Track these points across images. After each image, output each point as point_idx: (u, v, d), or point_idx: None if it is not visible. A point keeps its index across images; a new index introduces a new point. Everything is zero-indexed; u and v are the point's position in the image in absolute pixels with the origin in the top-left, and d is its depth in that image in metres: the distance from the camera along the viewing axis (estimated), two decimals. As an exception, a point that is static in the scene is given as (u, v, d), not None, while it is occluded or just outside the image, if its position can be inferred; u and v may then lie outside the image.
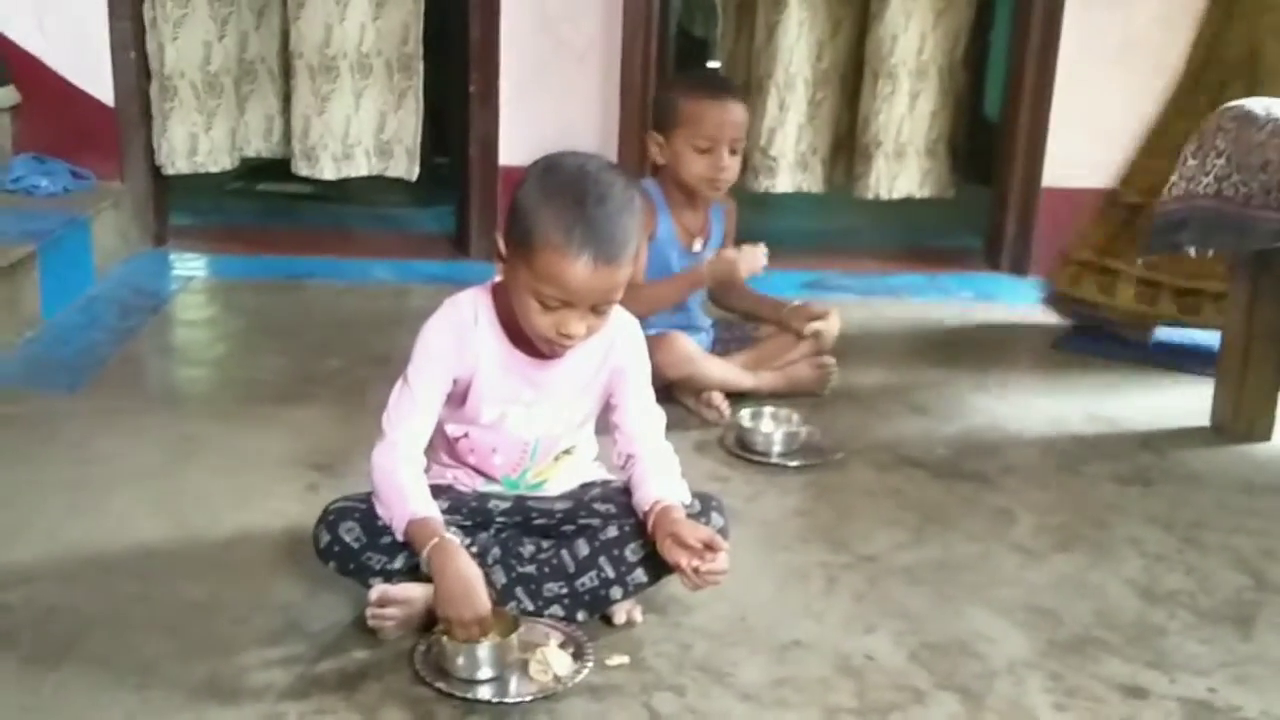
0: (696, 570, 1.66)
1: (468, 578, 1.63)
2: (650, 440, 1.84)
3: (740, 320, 2.88)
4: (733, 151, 2.57)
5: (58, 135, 3.59)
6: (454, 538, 1.69)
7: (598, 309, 1.68)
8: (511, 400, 1.79)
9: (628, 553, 1.74)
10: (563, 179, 1.65)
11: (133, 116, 3.63)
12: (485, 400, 1.78)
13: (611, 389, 1.84)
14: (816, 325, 2.72)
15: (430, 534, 1.66)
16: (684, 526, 1.70)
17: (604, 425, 1.88)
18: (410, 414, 1.75)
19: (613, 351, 1.81)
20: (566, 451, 1.88)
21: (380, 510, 1.72)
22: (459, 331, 1.75)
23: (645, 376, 1.87)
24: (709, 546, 1.67)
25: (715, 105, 2.54)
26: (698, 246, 2.70)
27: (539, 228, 1.62)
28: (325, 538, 1.73)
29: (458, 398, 1.79)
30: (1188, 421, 2.71)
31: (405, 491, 1.70)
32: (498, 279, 1.77)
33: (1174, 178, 2.55)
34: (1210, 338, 2.94)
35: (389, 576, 1.73)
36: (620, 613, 1.78)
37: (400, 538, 1.70)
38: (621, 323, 1.82)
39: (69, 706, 1.54)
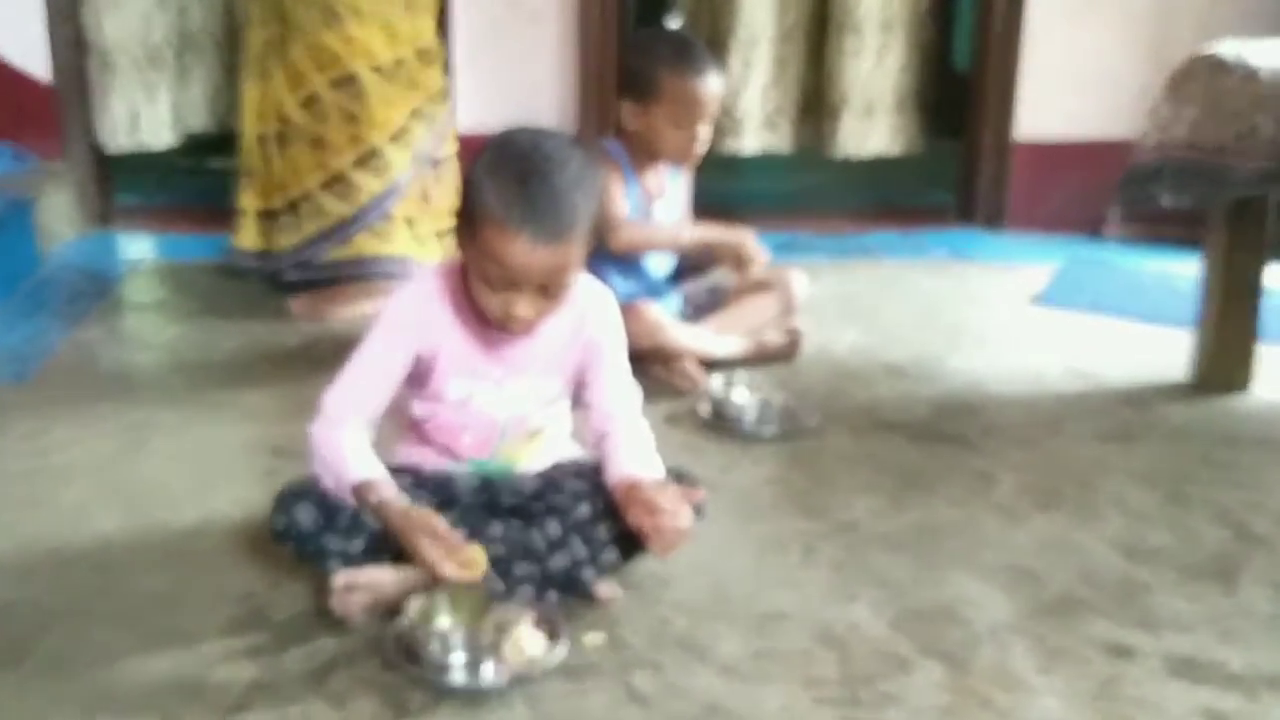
0: (658, 528, 1.65)
1: (426, 515, 1.65)
2: (625, 418, 1.83)
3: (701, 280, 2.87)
4: (707, 123, 2.59)
5: (-6, 115, 3.53)
6: (400, 496, 1.69)
7: (546, 290, 1.66)
8: (479, 377, 1.77)
9: (600, 532, 1.74)
10: (511, 153, 1.64)
11: (72, 94, 3.56)
12: (450, 376, 1.76)
13: (584, 365, 1.82)
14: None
15: (373, 496, 1.67)
16: (655, 491, 1.69)
17: (579, 399, 1.87)
18: (353, 389, 1.75)
19: (584, 325, 1.79)
20: (537, 431, 1.86)
21: (328, 482, 1.71)
22: (422, 306, 1.74)
23: (619, 351, 1.85)
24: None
25: (698, 82, 2.53)
26: (657, 209, 2.70)
27: (481, 202, 1.62)
28: (281, 521, 1.72)
29: (421, 375, 1.77)
30: (1167, 375, 2.71)
31: (344, 455, 1.70)
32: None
33: (1147, 126, 2.54)
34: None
35: (348, 559, 1.71)
36: (603, 588, 1.76)
37: (353, 505, 1.70)
38: (592, 294, 1.80)
39: (29, 704, 1.52)
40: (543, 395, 1.82)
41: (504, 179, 1.61)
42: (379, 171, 2.93)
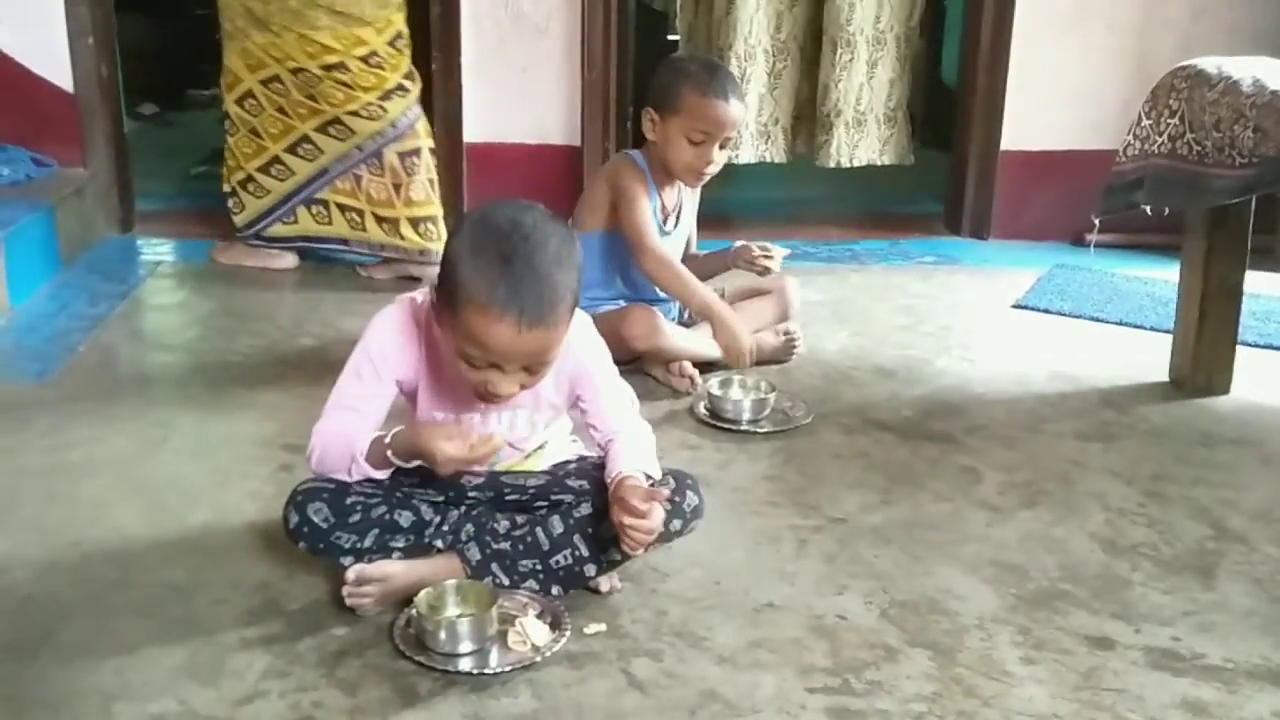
0: (623, 526, 1.65)
1: (436, 426, 1.67)
2: (627, 427, 1.82)
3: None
4: (721, 146, 2.60)
5: (17, 123, 3.55)
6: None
7: (530, 369, 1.64)
8: (465, 408, 1.77)
9: (602, 530, 1.73)
10: (492, 230, 1.59)
11: (93, 102, 3.60)
12: (436, 405, 1.77)
13: (576, 390, 1.82)
14: (766, 263, 2.75)
15: (383, 442, 1.67)
16: (629, 491, 1.68)
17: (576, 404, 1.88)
18: (338, 421, 1.73)
19: (568, 356, 1.75)
20: (539, 447, 1.87)
21: (339, 474, 1.72)
22: (403, 335, 1.74)
23: (607, 368, 1.84)
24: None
25: (719, 104, 2.54)
26: (670, 224, 2.72)
27: (463, 284, 1.57)
28: (294, 518, 1.72)
29: (410, 398, 1.78)
30: (1147, 377, 2.75)
31: (349, 438, 1.70)
32: None
33: (1128, 137, 2.58)
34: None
35: (359, 555, 1.73)
36: (604, 581, 1.79)
37: (374, 474, 1.70)
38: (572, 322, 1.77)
39: (48, 693, 1.54)
40: (536, 421, 1.83)
41: (485, 261, 1.56)
42: (309, 156, 3.28)
